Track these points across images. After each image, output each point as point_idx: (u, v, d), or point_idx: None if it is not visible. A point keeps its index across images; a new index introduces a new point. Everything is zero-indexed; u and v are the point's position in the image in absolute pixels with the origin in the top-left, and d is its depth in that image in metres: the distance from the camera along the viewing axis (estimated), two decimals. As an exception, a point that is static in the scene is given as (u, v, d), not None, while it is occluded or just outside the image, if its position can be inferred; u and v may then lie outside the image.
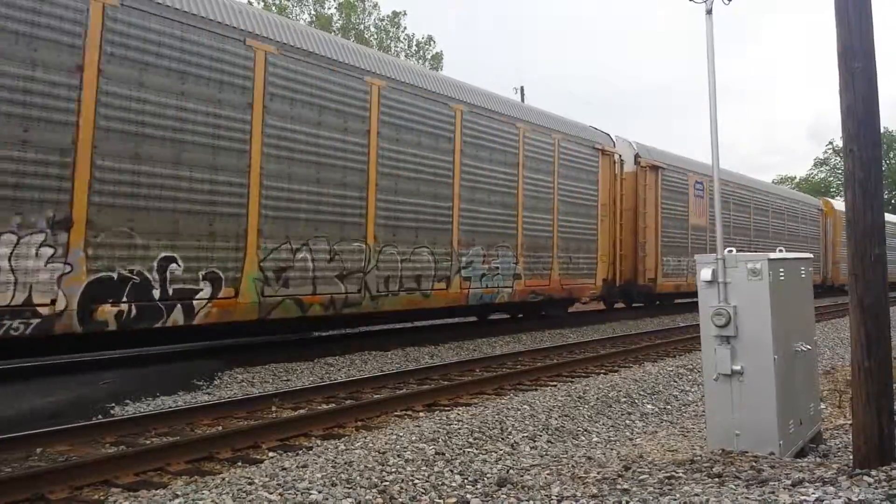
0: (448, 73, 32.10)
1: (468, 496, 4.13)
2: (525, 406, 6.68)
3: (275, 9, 32.04)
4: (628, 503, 3.54)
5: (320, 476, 4.40)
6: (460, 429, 5.71)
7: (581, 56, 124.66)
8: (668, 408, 7.53)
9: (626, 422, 6.86)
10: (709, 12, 5.03)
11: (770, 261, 4.66)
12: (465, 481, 4.58)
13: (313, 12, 34.96)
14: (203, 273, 8.26)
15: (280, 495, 4.06)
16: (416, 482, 4.47)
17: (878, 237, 3.96)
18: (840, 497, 3.24)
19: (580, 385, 8.02)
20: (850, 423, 4.77)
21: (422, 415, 6.84)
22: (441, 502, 4.14)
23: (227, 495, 4.05)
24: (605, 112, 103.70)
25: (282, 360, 9.74)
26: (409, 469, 4.69)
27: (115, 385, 7.72)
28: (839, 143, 38.82)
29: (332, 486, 4.26)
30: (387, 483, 4.38)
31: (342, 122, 10.08)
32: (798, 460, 4.50)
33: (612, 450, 5.56)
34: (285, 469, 4.59)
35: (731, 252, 4.80)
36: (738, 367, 4.65)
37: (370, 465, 4.66)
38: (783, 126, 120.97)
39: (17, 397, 6.96)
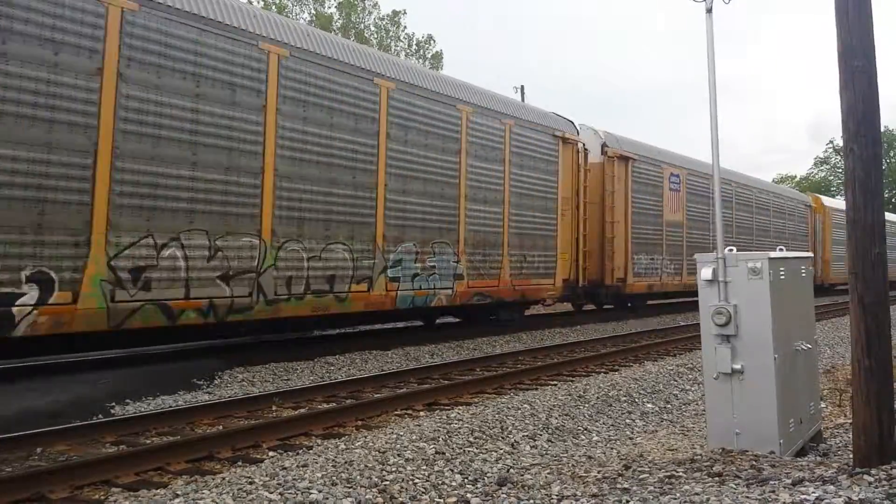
0: (448, 72, 31.88)
1: (468, 495, 4.13)
2: (525, 405, 6.68)
3: (274, 8, 32.04)
4: (629, 502, 3.54)
5: (321, 475, 4.40)
6: (460, 428, 5.72)
7: (581, 56, 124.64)
8: (669, 407, 7.54)
9: (627, 421, 6.86)
10: (709, 11, 5.03)
11: (770, 260, 4.66)
12: (466, 480, 4.59)
13: (313, 11, 34.97)
14: (27, 273, 6.85)
15: (280, 495, 4.06)
16: (417, 481, 4.47)
17: (878, 236, 3.96)
18: (840, 496, 3.24)
19: (580, 384, 8.03)
20: (850, 421, 4.77)
21: (422, 414, 6.84)
22: (441, 502, 4.14)
23: (227, 495, 4.05)
24: (605, 112, 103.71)
25: (282, 359, 9.73)
26: (409, 468, 4.69)
27: (115, 385, 7.72)
28: (839, 143, 38.83)
29: (333, 485, 4.26)
30: (387, 482, 4.38)
31: (230, 94, 8.61)
32: (798, 459, 4.50)
33: (612, 449, 5.56)
34: (285, 468, 4.59)
35: (731, 251, 4.80)
36: (738, 366, 4.65)
37: (370, 465, 4.66)
38: (783, 125, 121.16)
39: (18, 397, 6.96)
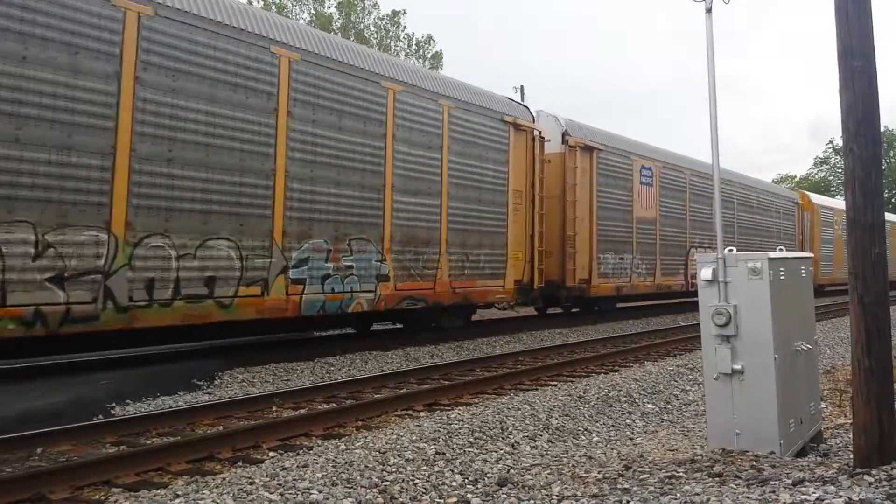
0: (448, 72, 31.76)
1: (469, 496, 4.13)
2: (525, 406, 6.68)
3: (274, 8, 32.05)
4: (629, 502, 3.54)
5: (321, 476, 4.40)
6: (461, 428, 5.72)
7: (581, 56, 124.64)
8: (669, 407, 7.54)
9: (627, 421, 6.86)
10: (708, 11, 5.03)
11: (770, 260, 4.66)
12: (466, 481, 4.59)
13: (313, 11, 34.98)
14: None
15: (281, 495, 4.07)
16: (417, 482, 4.47)
17: (878, 236, 3.96)
18: (841, 496, 3.24)
19: (581, 384, 8.03)
20: (850, 422, 4.77)
21: (422, 414, 6.84)
22: (442, 502, 4.14)
23: (227, 495, 4.05)
24: (605, 112, 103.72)
25: (282, 359, 9.73)
26: (409, 469, 4.69)
27: (115, 385, 7.72)
28: (839, 142, 38.81)
29: (333, 485, 4.26)
30: (387, 483, 4.39)
31: (71, 59, 7.28)
32: (799, 459, 4.50)
33: (612, 449, 5.56)
34: (286, 469, 4.59)
35: (731, 251, 4.80)
36: (738, 367, 4.65)
37: (371, 465, 4.66)
38: (783, 125, 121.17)
39: (18, 397, 6.97)
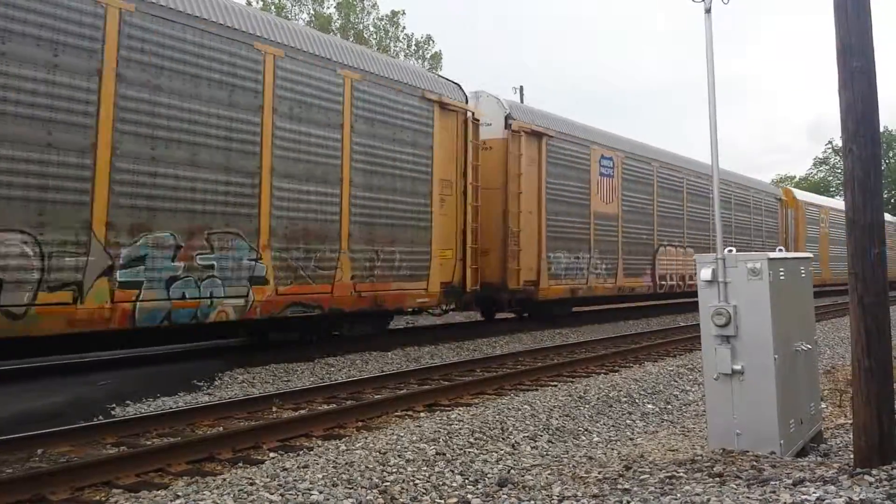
0: (448, 72, 31.83)
1: (469, 496, 4.14)
2: (526, 406, 6.68)
3: (273, 8, 32.07)
4: (629, 503, 3.54)
5: (321, 476, 4.40)
6: (461, 429, 5.72)
7: (581, 56, 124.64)
8: (669, 407, 7.54)
9: (627, 421, 6.86)
10: (708, 11, 5.03)
11: (770, 260, 4.67)
12: (466, 481, 4.59)
13: (312, 11, 34.99)
14: None
15: (281, 496, 4.07)
16: (417, 482, 4.47)
17: (877, 236, 3.96)
18: (841, 496, 3.24)
19: (581, 385, 8.03)
20: (850, 422, 4.77)
21: (422, 415, 6.84)
22: (442, 502, 4.15)
23: (228, 496, 4.05)
24: (605, 112, 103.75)
25: (282, 360, 9.73)
26: (409, 469, 4.69)
27: (115, 386, 7.72)
28: (839, 143, 38.83)
29: (333, 486, 4.26)
30: (388, 483, 4.39)
31: None
32: (799, 460, 4.50)
33: (612, 449, 5.56)
34: (286, 469, 4.59)
35: (731, 251, 4.81)
36: (738, 367, 4.65)
37: (371, 466, 4.66)
38: (783, 125, 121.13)
39: (18, 398, 6.96)
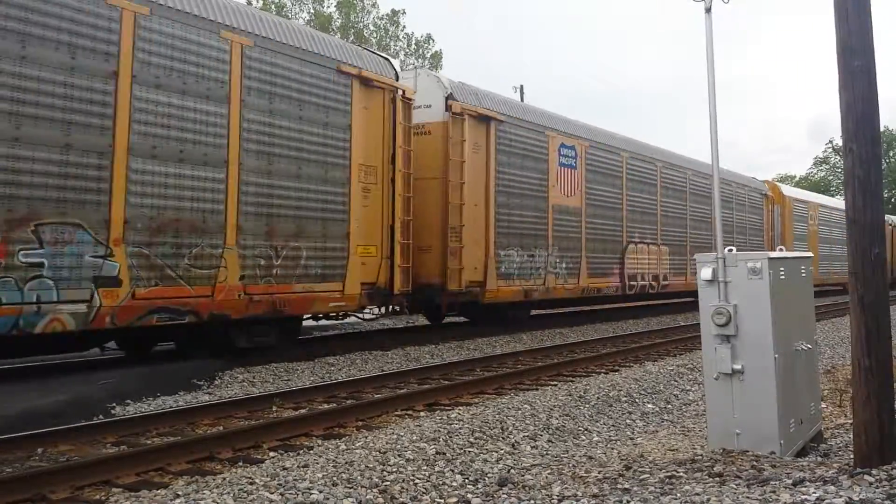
0: (447, 72, 31.79)
1: (469, 496, 4.14)
2: (526, 405, 6.68)
3: (273, 7, 32.06)
4: (629, 502, 3.54)
5: (321, 476, 4.40)
6: (461, 428, 5.72)
7: (581, 56, 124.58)
8: (669, 407, 7.54)
9: (627, 421, 6.86)
10: (708, 10, 5.03)
11: (770, 260, 4.67)
12: (466, 481, 4.59)
13: (312, 10, 34.98)
14: None
15: (281, 495, 4.07)
16: (417, 482, 4.47)
17: (877, 236, 3.96)
18: (841, 496, 3.24)
19: (581, 384, 8.03)
20: (850, 422, 4.77)
21: (422, 414, 6.84)
22: (442, 502, 4.15)
23: (228, 495, 4.05)
24: (605, 112, 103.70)
25: (282, 359, 9.73)
26: (409, 469, 4.69)
27: (115, 385, 7.71)
28: (839, 142, 38.85)
29: (333, 485, 4.26)
30: (388, 483, 4.39)
31: None
32: (799, 459, 4.50)
33: (612, 449, 5.56)
34: (286, 469, 4.59)
35: (731, 251, 4.81)
36: (738, 367, 4.65)
37: (371, 465, 4.66)
38: (783, 125, 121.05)
39: (18, 397, 6.96)
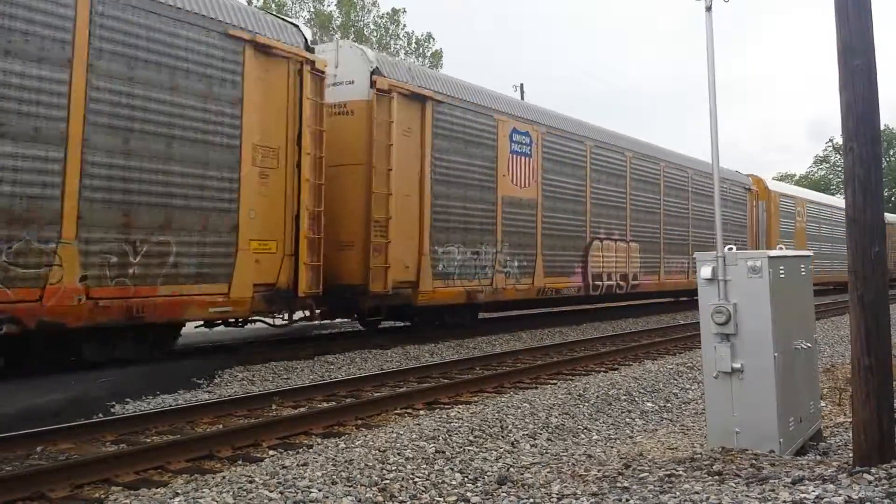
0: (447, 72, 31.80)
1: (468, 494, 4.14)
2: (525, 404, 6.68)
3: (274, 7, 32.04)
4: (628, 501, 3.54)
5: (321, 474, 4.40)
6: (460, 427, 5.72)
7: (581, 56, 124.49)
8: (669, 406, 7.54)
9: (627, 420, 6.86)
10: (708, 9, 5.02)
11: (770, 258, 4.67)
12: (466, 479, 4.59)
13: (312, 9, 34.96)
14: None
15: (280, 493, 4.07)
16: (417, 480, 4.47)
17: (877, 235, 3.96)
18: (840, 495, 3.24)
19: (580, 383, 8.03)
20: (850, 420, 4.77)
21: (422, 413, 6.84)
22: (441, 500, 4.15)
23: (227, 493, 4.05)
24: (605, 112, 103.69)
25: (282, 358, 9.73)
26: (409, 467, 4.69)
27: (115, 383, 7.71)
28: (839, 141, 38.80)
29: (333, 484, 4.26)
30: (387, 481, 4.39)
31: None
32: (798, 458, 4.50)
33: (612, 448, 5.56)
34: (286, 467, 4.59)
35: (731, 249, 4.81)
36: (738, 365, 4.65)
37: (370, 464, 4.66)
38: (783, 124, 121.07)
39: (18, 396, 6.96)
